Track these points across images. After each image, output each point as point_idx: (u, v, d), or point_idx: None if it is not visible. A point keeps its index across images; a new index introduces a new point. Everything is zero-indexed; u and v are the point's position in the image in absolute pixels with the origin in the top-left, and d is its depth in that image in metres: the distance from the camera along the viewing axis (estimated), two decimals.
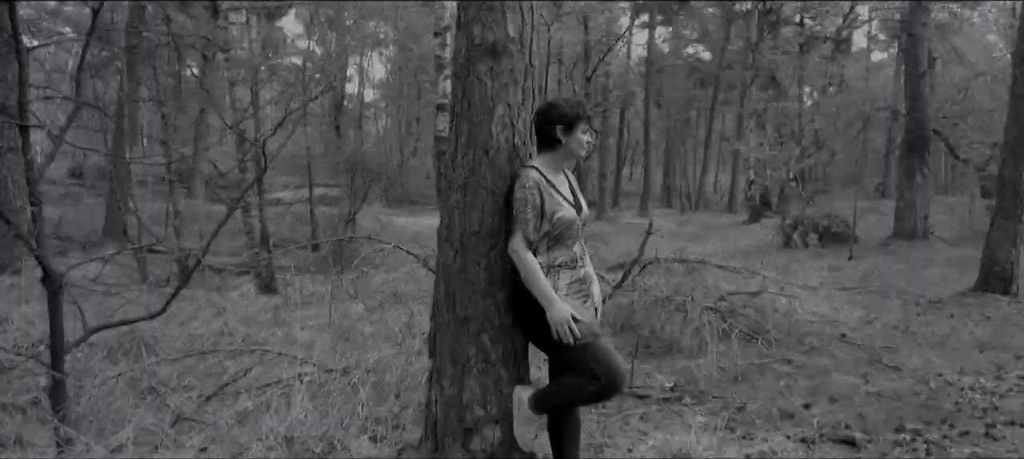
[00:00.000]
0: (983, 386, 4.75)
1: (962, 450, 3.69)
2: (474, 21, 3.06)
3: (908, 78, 13.80)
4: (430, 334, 3.29)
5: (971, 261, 9.04)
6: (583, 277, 3.03)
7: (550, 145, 2.98)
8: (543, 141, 3.00)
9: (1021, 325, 6.52)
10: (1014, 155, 7.74)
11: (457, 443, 3.08)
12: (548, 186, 2.93)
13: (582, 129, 2.95)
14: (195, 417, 3.90)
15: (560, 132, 2.93)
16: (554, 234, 2.93)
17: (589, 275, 3.09)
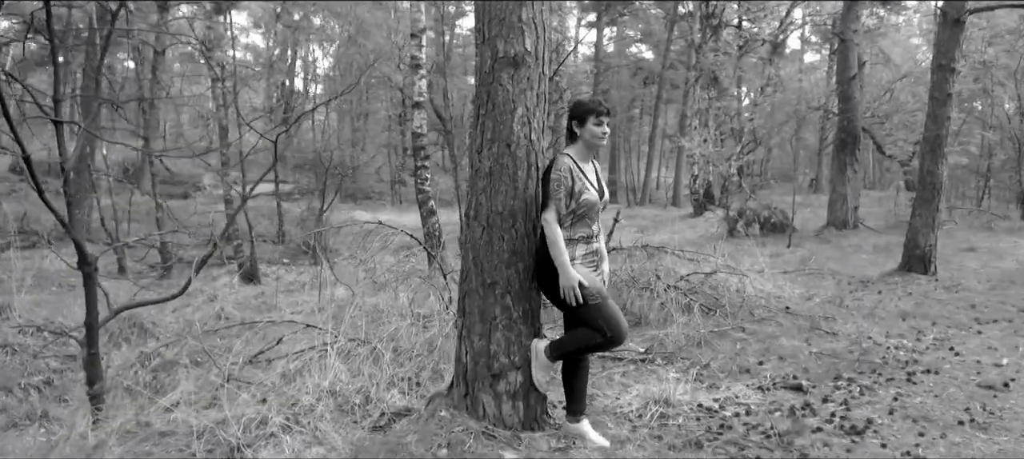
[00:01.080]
0: (905, 345, 5.62)
1: (888, 391, 4.50)
2: (498, 37, 3.69)
3: (839, 81, 14.91)
4: (459, 298, 3.91)
5: (896, 246, 10.07)
6: (596, 251, 3.61)
7: (572, 137, 3.57)
8: (569, 134, 3.59)
9: (938, 298, 7.49)
10: (932, 151, 8.75)
11: (486, 386, 3.71)
12: (578, 172, 3.49)
13: (593, 122, 3.48)
14: (242, 377, 4.42)
15: (575, 126, 3.55)
16: (579, 212, 3.48)
17: (601, 250, 3.67)
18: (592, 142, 3.52)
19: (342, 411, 3.97)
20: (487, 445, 3.52)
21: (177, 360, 6.18)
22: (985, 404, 4.26)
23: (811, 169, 38.76)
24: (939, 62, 8.60)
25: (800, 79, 37.33)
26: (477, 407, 3.73)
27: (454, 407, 3.81)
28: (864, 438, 3.75)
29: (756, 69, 30.47)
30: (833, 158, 15.53)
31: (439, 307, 5.97)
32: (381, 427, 3.88)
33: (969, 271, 9.17)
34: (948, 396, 4.42)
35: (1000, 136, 21.90)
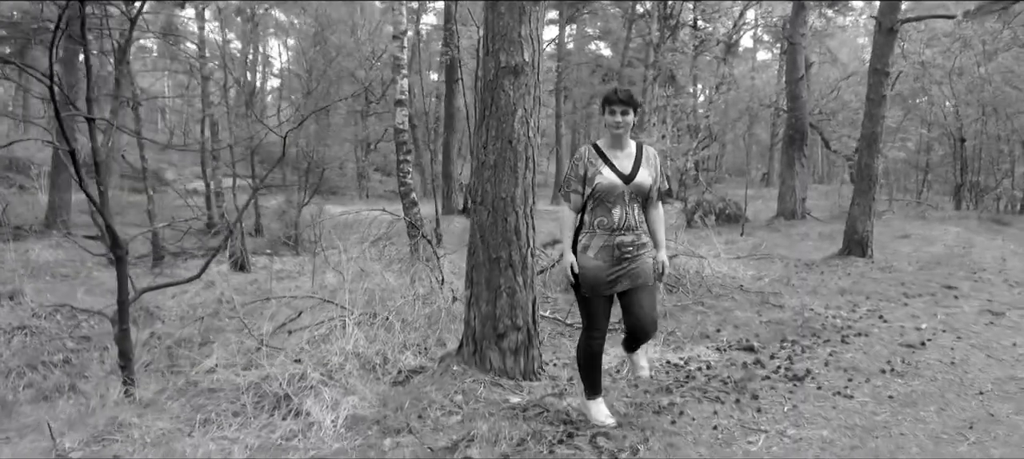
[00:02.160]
0: (841, 315, 6.48)
1: (825, 349, 5.32)
2: (500, 50, 4.38)
3: (788, 81, 15.93)
4: (467, 271, 4.59)
5: (839, 234, 11.02)
6: (618, 243, 3.57)
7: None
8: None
9: (872, 277, 8.41)
10: (868, 147, 9.70)
11: (492, 344, 4.40)
12: (596, 157, 3.60)
13: (609, 110, 3.57)
14: (273, 344, 5.02)
15: (598, 112, 3.81)
16: (595, 197, 3.56)
17: (625, 242, 3.58)
18: (611, 129, 3.59)
19: (366, 369, 4.62)
20: (495, 391, 4.22)
21: (191, 336, 6.75)
22: (904, 358, 5.11)
23: (763, 164, 40.33)
24: (875, 66, 9.55)
25: (752, 77, 38.71)
26: (485, 362, 4.42)
27: (464, 363, 4.49)
28: (803, 383, 4.54)
29: (711, 67, 31.65)
30: (782, 154, 16.57)
31: (434, 286, 6.62)
32: (400, 382, 4.54)
33: (902, 255, 10.16)
34: (874, 352, 5.26)
35: (938, 133, 23.37)
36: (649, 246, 3.69)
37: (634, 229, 3.61)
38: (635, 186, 3.58)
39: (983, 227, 14.17)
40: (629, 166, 3.61)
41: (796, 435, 3.70)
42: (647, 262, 3.65)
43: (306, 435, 3.80)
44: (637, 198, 3.62)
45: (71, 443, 3.73)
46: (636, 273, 3.61)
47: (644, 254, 3.65)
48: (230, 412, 4.06)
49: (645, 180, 3.61)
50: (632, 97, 3.61)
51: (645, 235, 3.68)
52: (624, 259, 3.58)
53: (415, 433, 3.76)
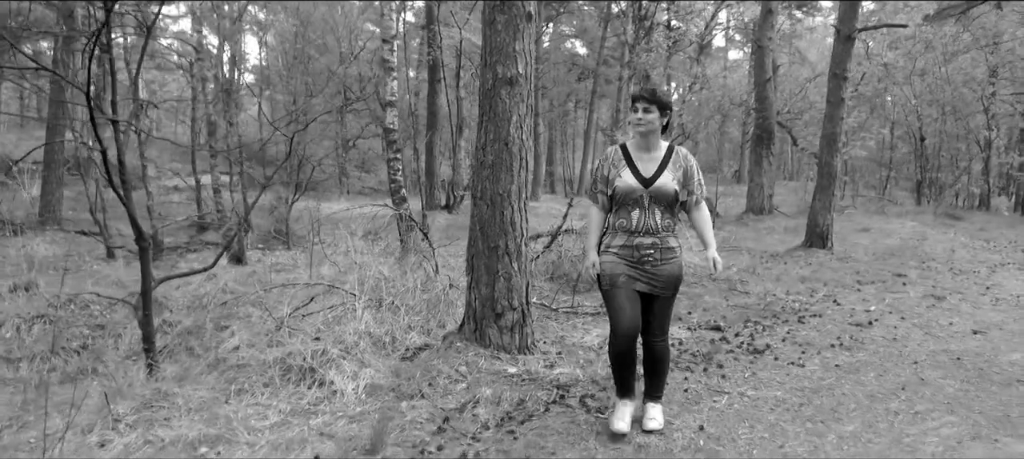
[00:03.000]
0: (800, 300, 7.16)
1: (783, 328, 5.99)
2: (498, 62, 4.95)
3: (756, 83, 16.67)
4: (468, 259, 5.16)
5: (803, 228, 11.75)
6: (636, 245, 3.52)
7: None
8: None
9: (831, 267, 9.13)
10: (829, 146, 10.43)
11: (491, 323, 4.99)
12: (620, 159, 3.55)
13: (631, 108, 3.52)
14: (292, 324, 5.55)
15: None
16: (616, 199, 3.54)
17: (644, 245, 3.51)
18: (634, 127, 3.51)
19: (378, 347, 5.17)
20: (494, 363, 4.80)
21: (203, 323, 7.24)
22: (852, 335, 5.79)
23: (735, 161, 41.32)
24: (834, 71, 10.27)
25: (724, 76, 39.68)
26: (484, 338, 5.00)
27: (466, 339, 5.07)
28: (763, 355, 5.19)
29: (684, 66, 32.51)
30: (751, 152, 17.31)
31: (430, 275, 7.18)
32: (409, 357, 5.10)
33: (860, 246, 10.92)
34: (826, 330, 5.93)
35: (901, 132, 24.39)
36: (677, 253, 3.59)
37: (656, 233, 3.51)
38: (656, 190, 3.46)
39: (938, 221, 15.05)
40: (652, 169, 3.50)
41: (754, 395, 4.34)
42: (671, 272, 3.56)
43: (331, 401, 4.35)
44: (660, 202, 3.49)
45: (123, 410, 4.23)
46: (655, 279, 3.53)
47: (670, 261, 3.55)
48: (260, 383, 4.59)
49: (667, 184, 3.47)
50: (657, 94, 3.46)
51: (673, 240, 3.58)
52: (645, 261, 3.51)
53: (427, 397, 4.33)
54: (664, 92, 3.49)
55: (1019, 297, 7.40)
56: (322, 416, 4.15)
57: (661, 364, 3.71)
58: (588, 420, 3.89)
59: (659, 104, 3.45)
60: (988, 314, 6.60)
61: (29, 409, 5.48)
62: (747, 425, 3.86)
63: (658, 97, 3.45)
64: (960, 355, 5.21)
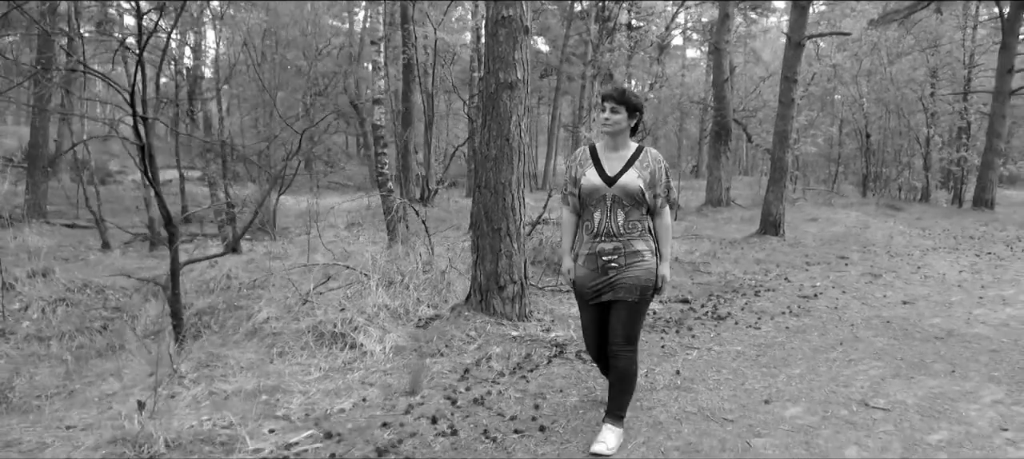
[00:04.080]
0: (756, 278, 8.10)
1: (742, 300, 6.90)
2: (500, 69, 5.73)
3: (714, 83, 17.71)
4: (473, 240, 5.94)
5: (758, 218, 12.77)
6: (598, 251, 3.39)
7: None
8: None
9: (783, 251, 10.12)
10: (780, 142, 11.44)
11: (495, 294, 5.77)
12: (587, 158, 3.46)
13: (600, 108, 3.40)
14: (313, 299, 6.25)
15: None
16: (583, 199, 3.44)
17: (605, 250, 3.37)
18: (601, 127, 3.41)
19: (394, 317, 5.92)
20: (499, 328, 5.59)
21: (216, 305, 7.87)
22: (801, 305, 6.72)
23: (693, 157, 42.72)
24: (785, 75, 11.28)
25: (683, 75, 40.99)
26: (489, 308, 5.79)
27: (472, 309, 5.85)
28: (725, 321, 6.08)
29: (643, 64, 33.65)
30: (710, 148, 18.36)
31: (427, 258, 7.92)
32: (423, 325, 5.86)
33: (809, 234, 11.96)
34: (778, 301, 6.86)
35: (849, 129, 25.82)
36: (645, 256, 3.40)
37: (617, 236, 3.36)
38: (619, 189, 3.32)
39: (880, 212, 16.27)
40: (617, 167, 3.37)
41: (719, 350, 5.21)
42: (636, 276, 3.37)
43: (363, 360, 5.09)
44: (623, 203, 3.35)
45: (185, 369, 4.91)
46: (619, 286, 3.37)
47: (635, 265, 3.37)
48: (298, 347, 5.30)
49: (632, 183, 3.31)
50: (625, 95, 3.36)
51: (640, 242, 3.39)
52: (609, 268, 3.37)
53: (446, 355, 5.10)
54: (633, 92, 3.39)
55: (945, 275, 8.45)
56: (358, 372, 4.89)
57: (624, 380, 3.42)
58: (586, 368, 4.71)
59: (627, 105, 3.35)
60: (917, 289, 7.61)
61: (73, 378, 6.10)
62: (714, 370, 4.73)
63: (627, 97, 3.35)
64: (890, 319, 6.18)
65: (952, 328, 5.88)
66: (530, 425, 3.78)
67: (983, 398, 4.19)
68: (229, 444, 3.47)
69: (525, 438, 3.62)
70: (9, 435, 3.87)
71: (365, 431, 3.72)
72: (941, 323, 6.06)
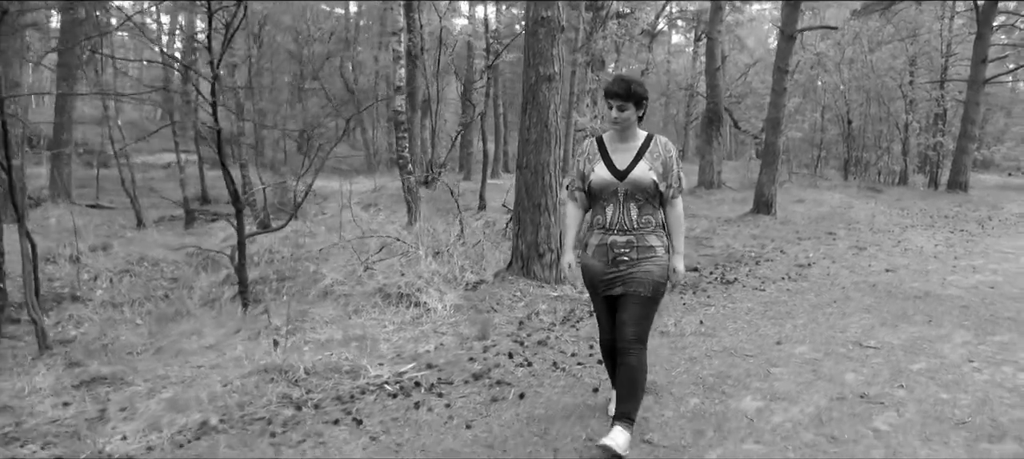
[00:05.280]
0: (755, 250, 9.01)
1: (745, 268, 7.79)
2: (539, 64, 6.54)
3: (707, 71, 18.59)
4: (514, 213, 6.77)
5: (749, 199, 13.68)
6: (610, 243, 3.27)
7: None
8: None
9: (776, 228, 11.05)
10: (773, 128, 12.34)
11: (535, 261, 6.61)
12: (596, 152, 3.34)
13: (607, 104, 3.26)
14: (373, 265, 7.05)
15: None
16: (593, 194, 3.33)
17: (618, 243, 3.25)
18: (611, 125, 3.32)
19: (446, 282, 6.74)
20: (541, 290, 6.43)
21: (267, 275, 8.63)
22: (797, 272, 7.63)
23: (679, 142, 43.71)
24: (777, 65, 12.16)
25: (669, 61, 41.87)
26: (530, 273, 6.63)
27: (515, 275, 6.69)
28: (733, 285, 6.97)
29: (630, 51, 34.48)
30: (701, 133, 19.27)
31: (459, 231, 8.73)
32: (471, 288, 6.68)
33: (798, 213, 12.90)
34: (777, 269, 7.77)
35: (831, 115, 26.86)
36: (657, 252, 3.29)
37: (630, 230, 3.25)
38: (631, 183, 3.22)
39: (862, 194, 17.29)
40: (627, 160, 3.26)
41: (732, 306, 6.09)
42: (649, 270, 3.25)
43: (428, 316, 5.90)
44: (635, 196, 3.25)
45: (278, 322, 5.70)
46: (631, 279, 3.26)
47: (648, 260, 3.26)
48: (369, 305, 6.11)
49: (643, 176, 3.22)
50: (631, 89, 3.21)
51: (653, 238, 3.28)
52: (620, 261, 3.26)
53: (499, 311, 5.94)
54: (638, 83, 3.26)
55: (922, 248, 9.40)
56: (426, 325, 5.70)
57: (634, 380, 3.23)
58: None
59: (635, 99, 3.22)
60: (898, 259, 8.55)
61: (156, 336, 6.87)
62: (730, 321, 5.61)
63: (633, 92, 3.21)
64: (875, 283, 7.10)
65: (929, 290, 6.81)
66: (588, 359, 4.63)
67: (954, 340, 5.11)
68: (354, 372, 4.29)
69: (587, 368, 4.47)
70: (156, 371, 4.66)
71: (456, 365, 4.55)
72: (919, 286, 6.99)
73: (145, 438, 3.39)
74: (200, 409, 3.72)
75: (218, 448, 3.28)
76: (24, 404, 3.90)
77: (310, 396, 3.92)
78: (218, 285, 8.79)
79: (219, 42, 7.55)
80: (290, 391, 3.98)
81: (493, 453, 3.30)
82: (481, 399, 3.96)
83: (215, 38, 7.43)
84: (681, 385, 4.17)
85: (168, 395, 4.02)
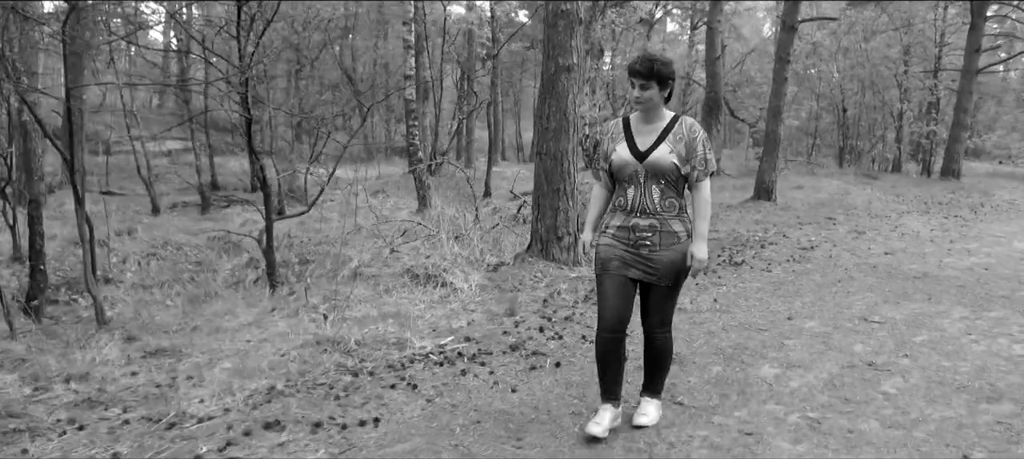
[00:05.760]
0: (759, 234, 9.36)
1: (751, 251, 8.14)
2: (558, 55, 6.84)
3: (707, 60, 18.89)
4: (534, 198, 7.08)
5: (749, 186, 14.04)
6: (632, 226, 3.18)
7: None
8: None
9: (777, 213, 11.41)
10: (774, 117, 12.68)
11: (554, 244, 6.94)
12: (619, 132, 3.26)
13: (631, 83, 3.14)
14: (398, 247, 7.36)
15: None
16: (614, 175, 3.26)
17: (640, 226, 3.16)
18: (634, 106, 3.21)
19: (468, 263, 7.06)
20: (559, 271, 6.76)
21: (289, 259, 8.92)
22: (801, 254, 7.98)
23: None
24: (779, 55, 12.49)
25: (664, 48, 42.15)
26: (549, 255, 6.96)
27: (534, 257, 7.02)
28: (741, 266, 7.31)
29: (628, 40, 34.75)
30: (702, 121, 19.59)
31: (470, 217, 9.05)
32: (493, 270, 7.00)
33: (797, 199, 13.27)
34: (782, 252, 8.12)
35: (825, 104, 27.24)
36: (681, 238, 3.20)
37: (653, 214, 3.16)
38: (651, 165, 3.13)
39: (858, 181, 17.67)
40: (649, 141, 3.17)
41: (742, 286, 6.44)
42: (671, 259, 3.18)
43: (456, 295, 6.22)
44: (657, 179, 3.16)
45: (315, 300, 6.01)
46: (652, 267, 3.19)
47: (671, 247, 3.18)
48: (398, 285, 6.42)
49: (663, 158, 3.12)
50: (653, 68, 3.09)
51: (677, 223, 3.19)
52: (641, 245, 3.19)
53: (522, 290, 6.26)
54: (662, 62, 3.13)
55: (918, 233, 9.78)
56: (455, 304, 6.02)
57: (662, 359, 3.41)
58: None
59: (658, 78, 3.10)
60: (895, 243, 8.92)
61: (190, 316, 7.17)
62: (742, 299, 5.96)
63: (656, 71, 3.09)
64: (876, 265, 7.46)
65: (926, 271, 7.17)
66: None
67: (953, 316, 5.47)
68: (400, 343, 4.62)
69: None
70: (210, 346, 4.97)
71: (491, 338, 4.88)
72: (917, 268, 7.36)
73: (220, 401, 3.70)
74: (265, 376, 4.04)
75: (290, 408, 3.60)
76: (97, 373, 4.20)
77: (364, 365, 4.24)
78: (241, 268, 9.08)
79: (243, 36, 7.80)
80: (344, 360, 4.30)
81: (539, 414, 3.63)
82: (520, 367, 4.30)
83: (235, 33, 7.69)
84: (702, 355, 4.51)
85: (229, 365, 4.33)
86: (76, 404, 3.74)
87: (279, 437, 3.30)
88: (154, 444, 3.22)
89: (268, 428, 3.38)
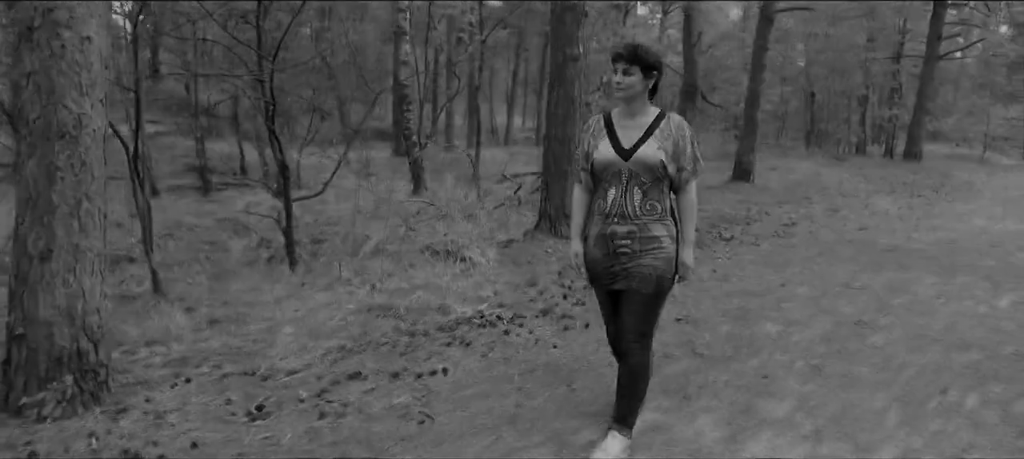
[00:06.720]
0: (742, 213, 10.02)
1: (738, 228, 8.79)
2: (565, 46, 7.36)
3: (684, 46, 19.54)
4: (542, 181, 7.62)
5: (726, 168, 14.75)
6: (610, 233, 2.95)
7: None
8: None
9: (756, 193, 12.11)
10: (753, 100, 13.37)
11: (561, 221, 7.49)
12: (601, 128, 3.00)
13: (611, 70, 2.94)
14: (416, 227, 7.84)
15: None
16: (596, 175, 3.00)
17: (618, 233, 2.93)
18: (614, 92, 2.92)
19: (483, 240, 7.58)
20: (566, 246, 7.27)
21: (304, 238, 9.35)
22: (784, 230, 8.66)
23: None
24: (758, 43, 13.16)
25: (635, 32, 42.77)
26: (557, 231, 7.51)
27: (543, 234, 7.57)
28: (731, 241, 7.95)
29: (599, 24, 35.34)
30: (679, 106, 20.27)
31: (474, 198, 9.57)
32: (505, 246, 7.53)
33: (773, 179, 14.01)
34: (767, 228, 8.79)
35: (793, 88, 28.16)
36: (663, 243, 2.96)
37: (632, 218, 2.92)
38: (637, 163, 2.89)
39: (827, 162, 18.55)
40: (634, 138, 2.93)
41: (735, 258, 7.08)
42: (653, 265, 2.93)
43: (475, 269, 6.74)
44: (641, 180, 2.91)
45: (346, 273, 6.48)
46: (632, 274, 2.96)
47: (651, 253, 2.94)
48: (421, 261, 6.92)
49: (651, 156, 2.87)
50: (637, 52, 2.88)
51: (659, 226, 2.95)
52: (620, 253, 2.95)
53: (535, 264, 6.81)
54: (647, 48, 2.92)
55: (887, 211, 10.54)
56: (475, 277, 6.55)
57: (635, 380, 3.10)
58: None
59: (642, 63, 2.87)
60: (868, 220, 9.65)
61: (217, 292, 7.59)
62: (737, 269, 6.59)
63: (640, 55, 2.87)
64: (852, 239, 8.16)
65: (897, 245, 7.89)
66: None
67: (924, 282, 6.16)
68: (442, 309, 5.14)
69: None
70: (263, 315, 5.43)
71: (520, 304, 5.42)
72: (889, 241, 8.07)
73: (300, 358, 4.19)
74: (331, 337, 4.54)
75: (366, 362, 4.11)
76: (173, 338, 4.66)
77: (417, 326, 4.76)
78: (252, 248, 9.49)
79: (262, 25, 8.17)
80: (398, 323, 4.81)
81: (581, 364, 4.19)
82: (555, 328, 4.85)
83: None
84: (711, 316, 5.12)
85: (290, 330, 4.82)
86: (167, 363, 4.20)
87: (364, 385, 3.82)
88: (258, 392, 3.71)
89: (352, 378, 3.89)
